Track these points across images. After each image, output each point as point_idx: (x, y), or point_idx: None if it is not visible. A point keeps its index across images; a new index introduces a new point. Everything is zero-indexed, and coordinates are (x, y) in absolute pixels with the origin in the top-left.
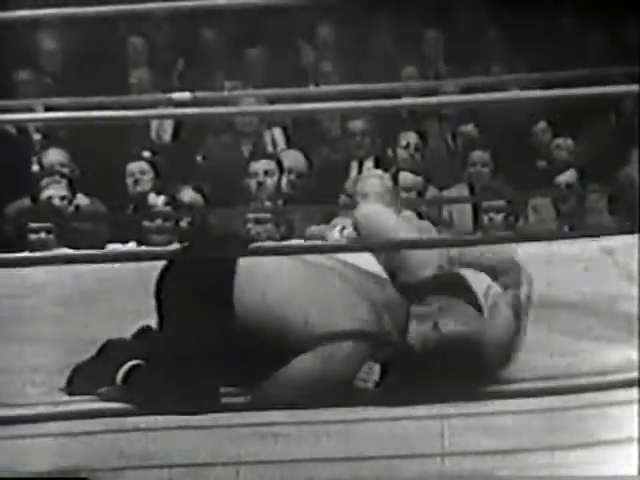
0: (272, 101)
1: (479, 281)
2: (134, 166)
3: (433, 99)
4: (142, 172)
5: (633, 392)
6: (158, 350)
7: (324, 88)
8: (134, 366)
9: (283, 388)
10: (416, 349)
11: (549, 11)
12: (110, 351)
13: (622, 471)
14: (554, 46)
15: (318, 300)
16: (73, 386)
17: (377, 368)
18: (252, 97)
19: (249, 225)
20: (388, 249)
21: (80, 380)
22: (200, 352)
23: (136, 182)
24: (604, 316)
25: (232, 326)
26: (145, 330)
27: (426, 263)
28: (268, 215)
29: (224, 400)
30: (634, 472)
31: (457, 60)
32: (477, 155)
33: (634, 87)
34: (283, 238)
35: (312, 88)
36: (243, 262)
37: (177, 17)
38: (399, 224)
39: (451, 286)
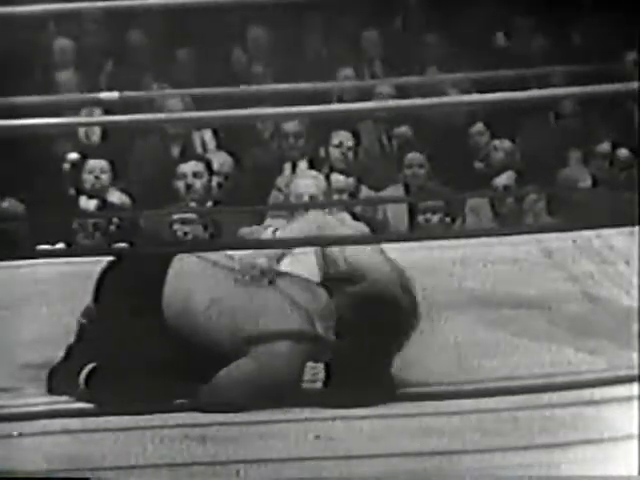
0: (202, 102)
1: None
2: (94, 164)
3: (370, 104)
4: (102, 170)
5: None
6: (104, 351)
7: (256, 88)
8: (94, 368)
9: (222, 392)
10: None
11: (491, 12)
12: (74, 353)
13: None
14: (495, 47)
15: (245, 306)
16: (52, 386)
17: (321, 368)
18: (179, 97)
19: (175, 226)
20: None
21: (56, 381)
22: (137, 354)
23: (97, 178)
24: (547, 316)
25: (162, 328)
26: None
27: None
28: (194, 216)
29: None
30: (634, 472)
31: (394, 61)
32: (412, 156)
33: (573, 89)
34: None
35: (243, 88)
36: (174, 266)
37: (106, 18)
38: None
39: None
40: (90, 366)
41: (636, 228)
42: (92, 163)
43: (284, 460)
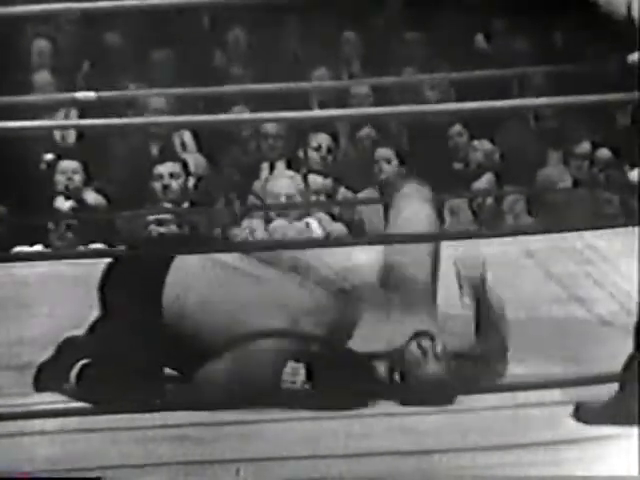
0: (180, 102)
1: None
2: (66, 165)
3: (347, 111)
4: (74, 171)
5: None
6: (101, 348)
7: (234, 88)
8: (85, 364)
9: (201, 391)
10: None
11: (471, 14)
12: (66, 349)
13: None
14: (475, 49)
15: (231, 303)
16: (39, 383)
17: (302, 368)
18: (163, 96)
19: (151, 227)
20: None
21: (44, 378)
22: (136, 351)
23: (69, 180)
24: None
25: (161, 327)
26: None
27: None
28: (169, 216)
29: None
30: (634, 472)
31: (373, 61)
32: (380, 152)
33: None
34: None
35: (221, 88)
36: (175, 263)
37: (83, 19)
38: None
39: None
40: (81, 363)
41: (620, 229)
42: (64, 164)
43: (284, 460)
